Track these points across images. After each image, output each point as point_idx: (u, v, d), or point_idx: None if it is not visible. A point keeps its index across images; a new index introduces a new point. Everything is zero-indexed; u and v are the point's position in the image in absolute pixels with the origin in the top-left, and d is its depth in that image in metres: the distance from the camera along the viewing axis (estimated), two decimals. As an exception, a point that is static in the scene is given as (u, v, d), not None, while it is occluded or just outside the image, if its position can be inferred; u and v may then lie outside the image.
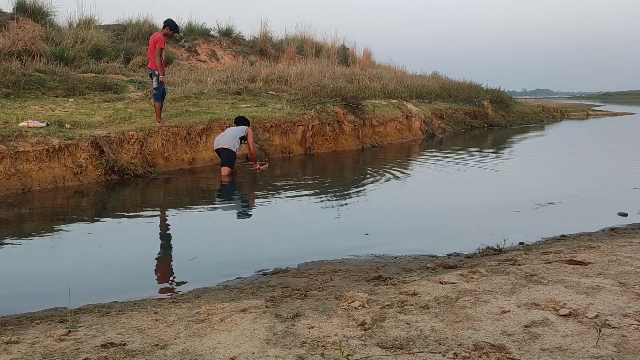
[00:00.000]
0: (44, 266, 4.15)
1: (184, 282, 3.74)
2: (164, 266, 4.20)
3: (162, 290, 3.59)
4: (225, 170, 8.18)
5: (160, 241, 4.97)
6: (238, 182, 7.99)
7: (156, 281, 3.83)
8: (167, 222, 5.72)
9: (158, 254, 4.50)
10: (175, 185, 7.56)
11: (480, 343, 2.19)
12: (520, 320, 2.42)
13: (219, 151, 8.30)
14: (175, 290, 3.56)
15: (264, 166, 8.89)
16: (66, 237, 4.97)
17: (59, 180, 6.98)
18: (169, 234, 5.25)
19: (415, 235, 4.96)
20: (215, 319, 2.58)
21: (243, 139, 8.46)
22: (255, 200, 7.00)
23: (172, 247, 4.78)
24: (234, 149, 8.27)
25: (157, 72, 8.59)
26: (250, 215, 6.18)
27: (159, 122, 8.67)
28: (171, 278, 3.90)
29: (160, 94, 8.70)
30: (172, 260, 4.36)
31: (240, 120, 8.82)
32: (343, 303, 2.76)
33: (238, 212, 6.39)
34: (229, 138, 8.28)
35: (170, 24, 8.90)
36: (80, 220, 5.53)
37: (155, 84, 8.66)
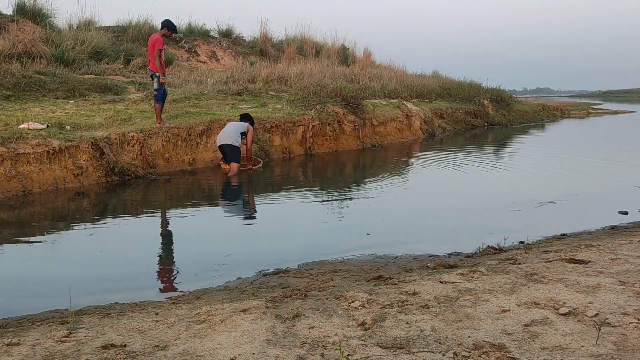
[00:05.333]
0: (45, 268, 4.15)
1: (184, 283, 3.74)
2: (164, 267, 4.20)
3: (162, 291, 3.59)
4: (234, 166, 8.21)
5: (161, 242, 4.97)
6: (238, 182, 7.99)
7: (157, 282, 3.84)
8: (167, 223, 5.73)
9: (158, 255, 4.51)
10: (175, 186, 7.57)
11: (480, 342, 2.19)
12: (520, 319, 2.42)
13: (223, 147, 8.29)
14: (176, 291, 3.56)
15: (258, 166, 8.88)
16: (67, 239, 4.98)
17: (60, 181, 7.00)
18: (170, 235, 5.26)
19: (415, 235, 4.96)
20: (216, 319, 2.58)
21: (244, 134, 8.47)
22: (256, 201, 7.01)
23: (172, 248, 4.79)
24: (237, 144, 8.28)
25: (157, 74, 8.61)
26: (251, 215, 6.19)
27: (159, 123, 8.68)
28: (172, 279, 3.91)
29: (160, 95, 8.71)
30: (172, 261, 4.36)
31: (244, 117, 8.83)
32: (343, 303, 2.76)
33: (238, 213, 6.40)
34: (230, 133, 8.29)
35: (168, 25, 8.90)
36: (80, 221, 5.54)
37: (155, 85, 8.68)
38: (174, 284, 3.78)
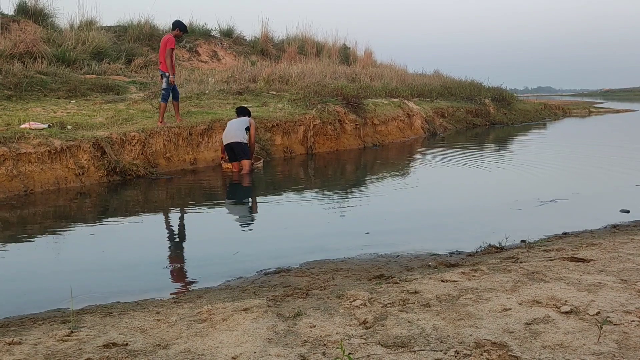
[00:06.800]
0: (47, 267, 4.16)
1: (186, 282, 3.75)
2: (165, 266, 4.19)
3: (164, 290, 3.59)
4: (246, 163, 8.27)
5: (162, 242, 4.97)
6: (239, 182, 7.99)
7: (158, 281, 3.83)
8: (169, 223, 5.73)
9: (160, 255, 4.51)
10: (177, 185, 7.57)
11: (482, 341, 2.19)
12: (521, 317, 2.42)
13: (231, 146, 8.30)
14: (177, 291, 3.56)
15: (259, 163, 8.88)
16: (68, 238, 4.99)
17: (61, 181, 7.00)
18: (171, 235, 5.26)
19: (417, 234, 4.96)
20: (217, 318, 2.59)
21: (248, 129, 8.49)
22: (257, 200, 7.01)
23: (173, 248, 4.79)
24: (245, 141, 8.33)
25: (167, 73, 8.66)
26: (252, 215, 6.19)
27: (160, 122, 8.69)
28: (173, 278, 3.91)
29: (167, 95, 8.81)
30: (174, 260, 4.36)
31: (242, 111, 8.83)
32: (345, 302, 2.76)
33: (239, 212, 6.40)
34: (237, 131, 8.31)
35: (179, 25, 9.07)
36: (82, 221, 5.54)
37: (164, 85, 8.76)
38: (175, 283, 3.78)
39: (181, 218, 5.90)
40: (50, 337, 2.44)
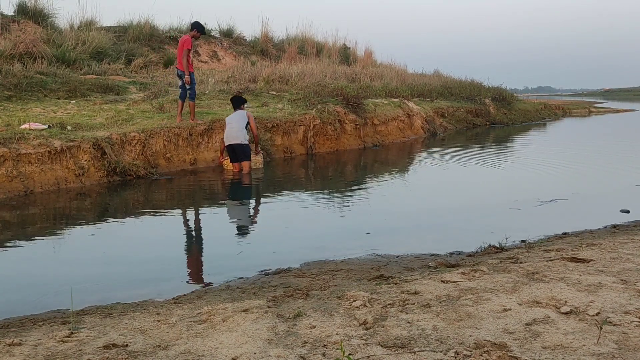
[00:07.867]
0: (46, 268, 4.16)
1: (186, 283, 3.74)
2: (165, 267, 4.20)
3: (164, 291, 3.59)
4: (246, 164, 8.37)
5: (162, 242, 4.97)
6: (240, 182, 7.99)
7: (158, 282, 3.83)
8: (169, 223, 5.72)
9: (160, 255, 4.51)
10: (177, 186, 7.57)
11: (482, 341, 2.19)
12: (521, 318, 2.42)
13: (233, 147, 8.35)
14: (178, 291, 3.56)
15: (259, 158, 8.87)
16: (68, 239, 4.99)
17: (61, 182, 7.00)
18: (171, 236, 5.25)
19: (416, 234, 4.96)
20: (217, 319, 2.59)
21: (247, 125, 8.51)
22: (257, 200, 7.01)
23: (174, 249, 4.78)
24: (246, 141, 8.38)
25: (183, 72, 8.89)
26: (252, 215, 6.19)
27: (192, 119, 9.03)
28: (173, 279, 3.91)
29: (194, 92, 9.09)
30: (174, 261, 4.36)
31: (237, 101, 8.85)
32: (345, 302, 2.76)
33: (240, 213, 6.40)
34: (238, 132, 8.32)
35: (197, 26, 9.26)
36: (82, 221, 5.55)
37: (188, 86, 8.98)
38: (175, 284, 3.77)
39: (181, 219, 5.90)
40: (51, 338, 2.44)
